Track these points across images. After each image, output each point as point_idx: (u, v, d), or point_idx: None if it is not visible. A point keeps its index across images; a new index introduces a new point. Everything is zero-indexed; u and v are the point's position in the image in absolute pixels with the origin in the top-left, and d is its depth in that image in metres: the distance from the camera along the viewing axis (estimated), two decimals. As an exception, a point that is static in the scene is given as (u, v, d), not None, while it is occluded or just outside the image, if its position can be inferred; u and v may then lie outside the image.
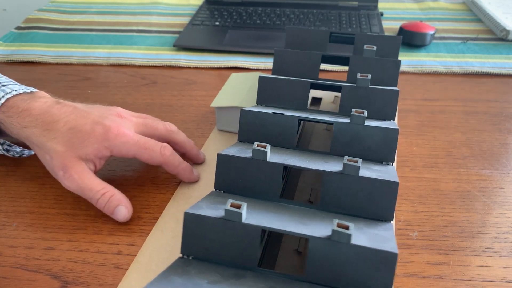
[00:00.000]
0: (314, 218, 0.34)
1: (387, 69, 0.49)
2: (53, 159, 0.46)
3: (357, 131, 0.41)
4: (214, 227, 0.32)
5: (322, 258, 0.30)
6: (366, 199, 0.36)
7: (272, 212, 0.34)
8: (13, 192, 0.52)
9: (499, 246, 0.46)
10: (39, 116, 0.47)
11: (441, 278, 0.42)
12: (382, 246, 0.30)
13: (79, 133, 0.46)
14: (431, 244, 0.46)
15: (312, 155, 0.41)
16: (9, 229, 0.47)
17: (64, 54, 0.83)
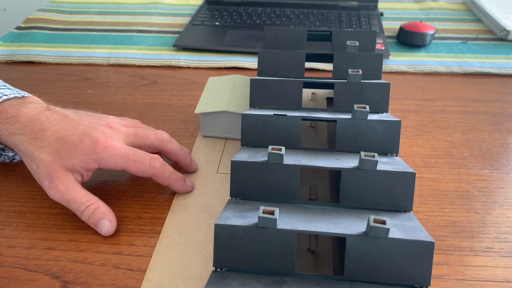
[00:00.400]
0: (340, 216, 0.34)
1: (370, 63, 0.50)
2: (39, 168, 0.45)
3: (360, 126, 0.41)
4: (247, 235, 0.31)
5: (360, 255, 0.31)
6: (384, 192, 0.36)
7: (299, 215, 0.34)
8: (13, 192, 0.52)
9: (499, 246, 0.46)
10: (27, 123, 0.46)
11: (441, 278, 0.42)
12: (418, 237, 0.31)
13: (67, 143, 0.45)
14: (431, 244, 0.46)
15: (319, 154, 0.41)
16: (9, 229, 0.47)
17: (64, 54, 0.83)
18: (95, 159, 0.46)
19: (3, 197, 0.52)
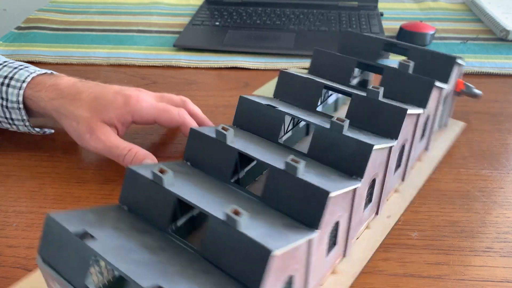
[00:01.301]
0: (239, 204, 0.34)
1: (417, 88, 0.47)
2: (80, 124, 0.51)
3: (335, 138, 0.39)
4: (143, 185, 0.35)
5: (217, 238, 0.31)
6: (300, 201, 0.34)
7: (204, 189, 0.35)
8: (13, 192, 0.52)
9: (499, 246, 0.46)
10: (66, 89, 0.52)
11: (441, 278, 0.42)
12: (267, 241, 0.28)
13: (103, 100, 0.51)
14: (431, 244, 0.46)
15: (280, 151, 0.40)
16: (9, 229, 0.47)
17: (64, 54, 0.84)
18: (129, 111, 0.51)
19: (3, 197, 0.52)
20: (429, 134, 0.55)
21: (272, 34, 0.89)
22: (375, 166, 0.41)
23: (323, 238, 0.36)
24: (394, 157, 0.45)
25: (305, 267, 0.34)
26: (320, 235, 0.34)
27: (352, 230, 0.42)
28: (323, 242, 0.36)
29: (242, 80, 0.76)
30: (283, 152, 0.41)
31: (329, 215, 0.35)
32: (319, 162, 0.41)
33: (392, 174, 0.47)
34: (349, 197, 0.38)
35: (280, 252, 0.28)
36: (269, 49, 0.84)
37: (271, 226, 0.32)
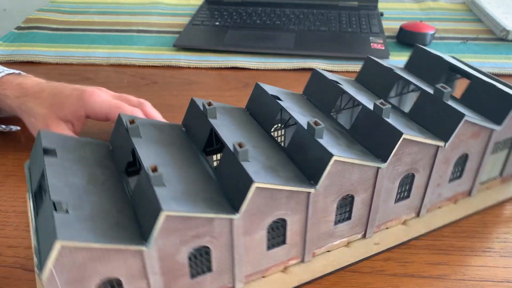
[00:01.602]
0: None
1: (447, 119, 0.43)
2: (37, 121, 0.53)
3: (306, 141, 0.39)
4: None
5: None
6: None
7: (165, 154, 0.40)
8: (13, 192, 0.52)
9: (499, 246, 0.46)
10: (30, 88, 0.55)
11: (441, 278, 0.42)
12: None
13: (60, 96, 0.54)
14: (431, 244, 0.46)
15: (259, 139, 0.42)
16: (9, 229, 0.47)
17: (64, 54, 0.84)
18: (82, 106, 0.53)
19: (3, 197, 0.52)
20: (473, 177, 0.49)
21: (272, 34, 0.89)
22: (346, 180, 0.40)
23: (251, 225, 0.37)
24: (386, 180, 0.42)
25: (229, 243, 0.37)
26: (245, 220, 0.37)
27: (312, 237, 0.42)
28: (254, 230, 0.38)
29: (242, 80, 0.76)
30: (261, 140, 0.43)
31: (253, 204, 0.36)
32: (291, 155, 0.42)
33: (387, 199, 0.44)
34: (298, 199, 0.38)
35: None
36: (269, 49, 0.84)
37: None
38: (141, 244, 0.33)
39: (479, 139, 0.46)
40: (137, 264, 0.34)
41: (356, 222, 0.44)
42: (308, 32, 0.90)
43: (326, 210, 0.41)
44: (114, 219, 0.34)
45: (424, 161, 0.44)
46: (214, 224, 0.35)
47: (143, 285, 0.36)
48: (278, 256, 0.42)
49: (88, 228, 0.32)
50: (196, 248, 0.36)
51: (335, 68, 0.79)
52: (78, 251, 0.31)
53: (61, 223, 0.31)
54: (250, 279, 0.41)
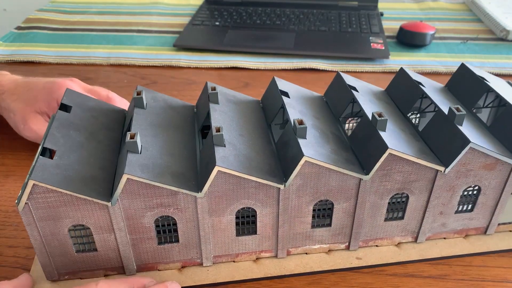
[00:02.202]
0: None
1: (449, 145, 0.41)
2: (16, 115, 0.56)
3: (288, 139, 0.40)
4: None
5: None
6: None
7: (160, 133, 0.42)
8: (13, 192, 0.52)
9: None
10: (7, 85, 0.57)
11: (441, 278, 0.42)
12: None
13: (34, 90, 0.56)
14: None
15: (257, 131, 0.44)
16: (9, 229, 0.47)
17: (64, 54, 0.83)
18: (54, 98, 0.54)
19: (3, 197, 0.52)
20: (489, 214, 0.46)
21: (272, 34, 0.89)
22: (323, 184, 0.40)
23: (217, 207, 0.39)
24: (373, 195, 0.41)
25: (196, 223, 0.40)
26: (210, 201, 0.39)
27: (286, 234, 0.42)
28: (221, 212, 0.40)
29: (242, 80, 0.76)
30: (249, 132, 0.44)
31: (218, 187, 0.38)
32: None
33: (375, 215, 0.43)
34: (267, 192, 0.39)
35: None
36: (269, 49, 0.84)
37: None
38: (107, 200, 0.37)
39: (495, 172, 0.42)
40: (104, 218, 0.38)
41: (338, 231, 0.44)
42: (308, 32, 0.90)
43: (300, 211, 0.41)
44: (93, 173, 0.38)
45: (420, 183, 0.42)
46: (179, 197, 0.38)
47: (111, 238, 0.40)
48: (249, 245, 0.43)
49: (64, 175, 0.36)
50: (162, 216, 0.39)
51: (335, 68, 0.79)
52: (50, 193, 0.36)
53: (40, 166, 0.36)
54: (219, 260, 0.43)
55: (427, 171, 0.41)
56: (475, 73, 0.48)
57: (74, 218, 0.38)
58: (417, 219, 0.44)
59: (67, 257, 0.40)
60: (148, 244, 0.41)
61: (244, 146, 0.40)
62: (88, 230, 0.39)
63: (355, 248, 0.45)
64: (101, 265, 0.41)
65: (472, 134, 0.40)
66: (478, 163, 0.41)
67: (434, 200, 0.43)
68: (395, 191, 0.42)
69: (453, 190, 0.43)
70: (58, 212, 0.37)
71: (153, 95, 0.47)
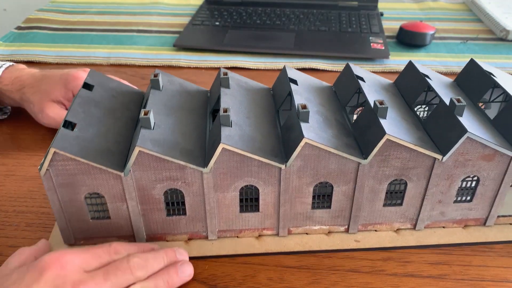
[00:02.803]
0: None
1: (448, 133, 0.42)
2: (35, 106, 0.60)
3: (292, 122, 0.42)
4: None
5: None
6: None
7: (175, 115, 0.45)
8: (13, 192, 0.52)
9: (498, 246, 0.46)
10: (27, 80, 0.62)
11: (441, 278, 0.42)
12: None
13: (51, 82, 0.60)
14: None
15: (257, 117, 0.46)
16: (9, 229, 0.47)
17: (65, 54, 0.83)
18: (70, 89, 0.59)
19: (3, 197, 0.52)
20: (488, 206, 0.46)
21: (272, 34, 0.89)
22: (323, 167, 0.41)
23: (222, 183, 0.42)
24: (371, 179, 0.43)
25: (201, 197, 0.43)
26: (215, 176, 0.41)
27: (287, 214, 0.44)
28: (226, 189, 0.42)
29: (242, 80, 0.76)
30: (258, 116, 0.46)
31: (222, 164, 0.40)
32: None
33: (374, 200, 0.44)
34: (269, 171, 0.41)
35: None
36: (269, 49, 0.84)
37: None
38: (121, 171, 0.40)
39: (493, 163, 0.43)
40: (118, 187, 0.41)
41: (337, 213, 0.45)
42: (308, 32, 0.90)
43: (301, 191, 0.43)
44: (109, 147, 0.41)
45: (418, 170, 0.43)
46: (187, 172, 0.41)
47: (123, 208, 0.43)
48: (252, 222, 0.45)
49: (82, 145, 0.40)
50: (171, 189, 0.42)
51: (335, 68, 0.79)
52: (69, 161, 0.39)
53: (62, 136, 0.39)
54: (223, 235, 0.46)
55: (425, 159, 0.42)
56: (483, 68, 0.49)
57: (90, 186, 0.41)
58: (415, 206, 0.46)
59: (83, 223, 0.44)
60: (157, 215, 0.44)
61: (250, 128, 0.43)
62: (103, 198, 0.42)
63: (354, 231, 0.46)
64: (114, 232, 0.45)
65: (472, 125, 0.41)
66: (476, 153, 0.42)
67: (432, 188, 0.44)
68: (394, 177, 0.43)
69: (451, 179, 0.44)
70: (76, 180, 0.41)
71: (170, 79, 0.50)
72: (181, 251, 0.43)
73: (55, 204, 0.42)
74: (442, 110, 0.43)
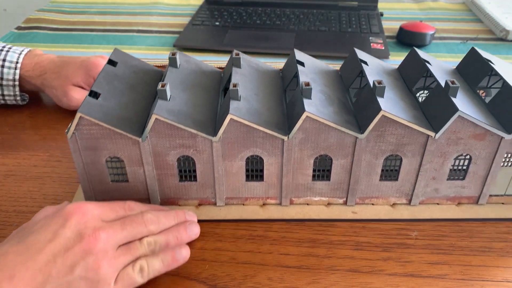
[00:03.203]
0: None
1: (440, 111, 0.44)
2: (58, 90, 0.64)
3: (296, 98, 0.46)
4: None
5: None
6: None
7: (190, 89, 0.49)
8: (13, 192, 0.52)
9: (498, 246, 0.46)
10: (47, 66, 0.65)
11: (441, 278, 0.42)
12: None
13: (72, 67, 0.64)
14: (430, 243, 0.46)
15: (265, 94, 0.49)
16: (9, 229, 0.47)
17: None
18: (91, 75, 0.63)
19: (3, 197, 0.52)
20: (480, 184, 0.48)
21: (272, 34, 0.89)
22: (323, 140, 0.45)
23: (230, 152, 0.46)
24: (368, 154, 0.45)
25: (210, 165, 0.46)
26: (223, 145, 0.45)
27: (289, 184, 0.48)
28: (233, 157, 0.46)
29: (242, 80, 0.76)
30: (265, 93, 0.50)
31: (230, 134, 0.44)
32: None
33: (370, 173, 0.47)
34: (273, 142, 0.45)
35: None
36: (269, 49, 0.84)
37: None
38: (139, 136, 0.44)
39: (484, 142, 0.45)
40: (136, 152, 0.45)
41: (336, 186, 0.48)
42: (308, 32, 0.90)
43: (302, 163, 0.47)
44: (129, 116, 0.45)
45: (413, 147, 0.45)
46: (198, 140, 0.45)
47: (140, 171, 0.47)
48: (257, 190, 0.49)
49: (105, 112, 0.44)
50: (183, 156, 0.46)
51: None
52: (93, 126, 0.43)
53: (87, 103, 0.43)
54: (230, 202, 0.50)
55: (419, 136, 0.45)
56: (482, 56, 0.51)
57: (111, 150, 0.45)
58: (410, 182, 0.48)
59: (103, 185, 0.48)
60: (171, 180, 0.48)
61: (257, 103, 0.46)
62: (122, 162, 0.46)
63: (352, 203, 0.50)
64: (131, 195, 0.48)
65: (464, 106, 0.44)
66: (468, 132, 0.45)
67: (426, 164, 0.46)
68: (389, 152, 0.46)
69: (444, 156, 0.46)
70: (98, 144, 0.45)
71: (187, 58, 0.54)
72: (190, 213, 0.47)
73: (79, 166, 0.46)
74: (437, 92, 0.46)
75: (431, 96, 0.46)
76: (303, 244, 0.46)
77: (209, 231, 0.47)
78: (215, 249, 0.45)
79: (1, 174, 0.55)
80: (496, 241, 0.46)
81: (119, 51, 0.54)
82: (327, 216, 0.48)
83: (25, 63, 0.65)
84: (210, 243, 0.46)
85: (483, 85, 0.51)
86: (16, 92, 0.65)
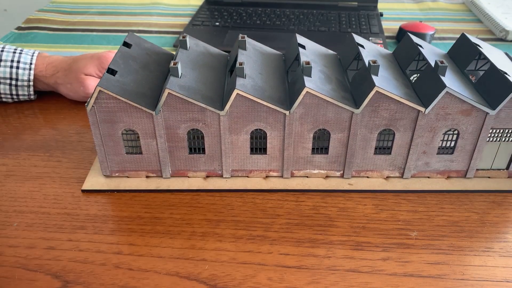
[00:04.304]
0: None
1: (430, 88, 0.48)
2: (73, 83, 0.66)
3: (298, 77, 0.49)
4: None
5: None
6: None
7: (199, 68, 0.52)
8: (13, 192, 0.52)
9: (498, 246, 0.46)
10: (59, 65, 0.68)
11: (441, 278, 0.42)
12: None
13: (83, 60, 0.67)
14: (431, 244, 0.46)
15: (269, 74, 0.52)
16: (9, 229, 0.48)
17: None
18: (103, 67, 0.66)
19: (3, 197, 0.52)
20: (468, 159, 0.51)
21: (272, 35, 0.89)
22: (321, 115, 0.48)
23: (236, 125, 0.49)
24: (363, 128, 0.49)
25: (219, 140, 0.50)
26: (230, 119, 0.48)
27: (290, 157, 0.51)
28: (239, 131, 0.49)
29: (242, 80, 0.76)
30: (269, 74, 0.53)
31: (237, 108, 0.47)
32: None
33: (365, 147, 0.50)
34: (276, 117, 0.48)
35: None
36: (269, 49, 0.84)
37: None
38: (153, 110, 0.47)
39: (471, 118, 0.48)
40: (149, 125, 0.49)
41: (334, 159, 0.52)
42: (308, 32, 0.90)
43: (302, 137, 0.50)
44: (143, 91, 0.48)
45: (404, 122, 0.49)
46: (206, 114, 0.48)
47: (153, 144, 0.50)
48: (260, 163, 0.52)
49: (122, 87, 0.47)
50: (193, 129, 0.49)
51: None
52: (110, 99, 0.47)
53: (106, 79, 0.47)
54: (236, 174, 0.53)
55: (410, 111, 0.48)
56: (471, 41, 0.55)
57: (126, 123, 0.49)
58: (403, 156, 0.52)
59: (118, 156, 0.51)
60: (181, 152, 0.51)
61: (261, 81, 0.50)
62: (136, 135, 0.50)
63: (348, 176, 0.53)
64: (144, 167, 0.52)
65: (452, 83, 0.47)
66: (455, 108, 0.48)
67: (417, 138, 0.50)
68: (383, 126, 0.49)
69: (434, 131, 0.49)
70: (115, 117, 0.48)
71: (196, 42, 0.57)
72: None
73: (97, 138, 0.49)
74: (428, 71, 0.49)
75: (422, 75, 0.50)
76: (303, 244, 0.46)
77: (209, 231, 0.47)
78: (215, 249, 0.45)
79: (1, 174, 0.55)
80: (495, 241, 0.46)
81: (133, 35, 0.57)
82: (325, 187, 0.52)
83: (37, 64, 0.67)
84: (210, 243, 0.46)
85: (472, 67, 0.55)
86: (30, 92, 0.68)
